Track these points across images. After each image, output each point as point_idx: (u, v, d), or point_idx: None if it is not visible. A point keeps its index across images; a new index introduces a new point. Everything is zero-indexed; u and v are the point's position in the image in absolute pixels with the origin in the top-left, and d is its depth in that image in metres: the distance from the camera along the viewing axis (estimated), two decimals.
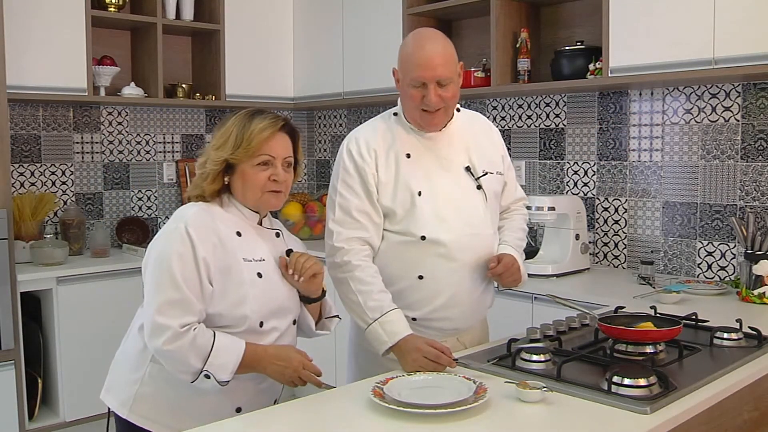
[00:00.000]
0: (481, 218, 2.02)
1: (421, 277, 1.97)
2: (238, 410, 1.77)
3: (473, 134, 2.10)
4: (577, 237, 3.24)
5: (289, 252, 1.88)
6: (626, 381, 1.57)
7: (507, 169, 2.17)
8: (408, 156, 1.99)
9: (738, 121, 2.98)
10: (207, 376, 1.67)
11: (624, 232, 3.38)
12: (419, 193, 1.95)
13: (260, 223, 1.87)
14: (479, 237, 2.01)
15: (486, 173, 2.05)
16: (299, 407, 1.65)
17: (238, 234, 1.79)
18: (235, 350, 1.70)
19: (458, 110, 2.11)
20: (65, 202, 4.08)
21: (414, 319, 1.98)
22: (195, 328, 1.68)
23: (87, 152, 4.16)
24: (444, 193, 1.98)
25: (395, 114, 2.07)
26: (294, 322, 1.89)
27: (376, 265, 1.96)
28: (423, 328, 1.98)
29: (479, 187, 2.03)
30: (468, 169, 2.03)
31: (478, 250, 2.01)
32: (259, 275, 1.77)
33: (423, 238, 1.94)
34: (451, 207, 1.97)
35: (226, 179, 1.80)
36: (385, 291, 1.90)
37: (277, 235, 1.91)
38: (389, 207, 1.97)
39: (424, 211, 1.95)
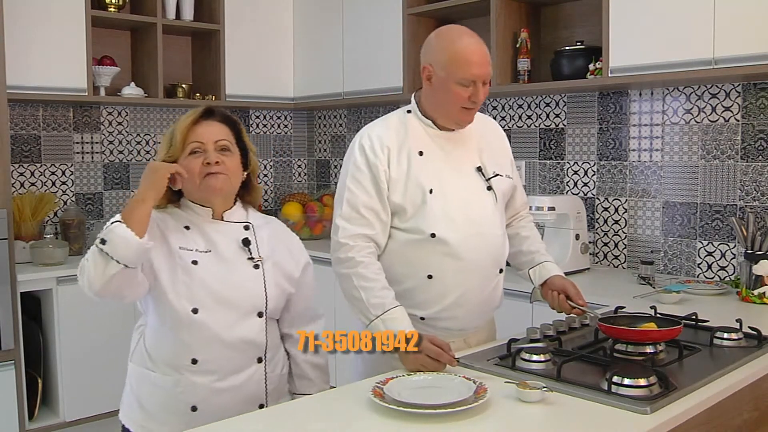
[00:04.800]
0: (490, 218, 2.02)
1: (430, 277, 1.97)
2: (194, 409, 1.77)
3: (484, 136, 2.11)
4: (577, 237, 3.24)
5: (245, 241, 1.85)
6: (626, 381, 1.57)
7: (514, 174, 2.19)
8: (420, 153, 1.99)
9: (738, 121, 2.98)
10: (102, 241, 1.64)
11: (624, 232, 3.38)
12: (431, 191, 1.95)
13: (222, 218, 1.87)
14: (488, 237, 2.01)
15: (496, 175, 2.06)
16: (298, 407, 1.66)
17: (186, 228, 1.83)
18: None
19: None
20: (65, 202, 4.09)
21: (422, 318, 1.98)
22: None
23: (87, 152, 4.16)
24: (454, 192, 1.98)
25: (409, 111, 2.06)
26: (260, 315, 1.84)
27: (384, 264, 1.96)
28: (430, 327, 1.98)
29: (489, 188, 2.03)
30: (479, 169, 2.04)
31: (487, 250, 2.01)
32: (194, 263, 1.78)
33: (433, 235, 1.94)
34: (461, 206, 1.98)
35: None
36: (388, 288, 1.90)
37: (246, 227, 1.89)
38: (399, 204, 1.96)
39: (435, 209, 1.95)
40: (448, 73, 1.93)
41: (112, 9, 3.94)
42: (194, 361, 1.76)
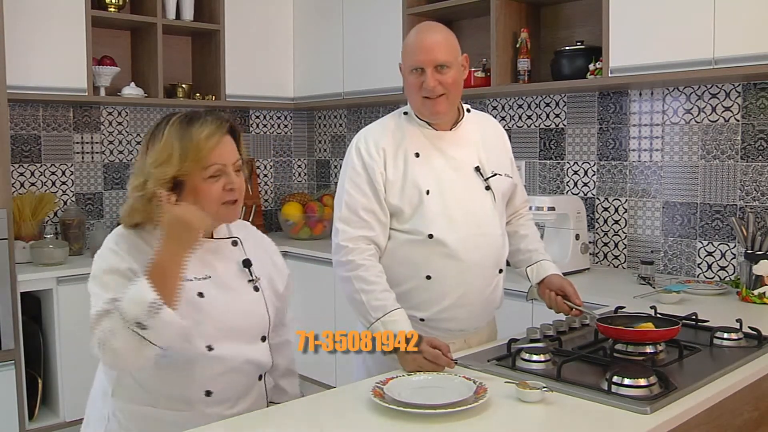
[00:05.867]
0: (489, 219, 2.02)
1: (428, 278, 1.97)
2: None
3: (484, 135, 2.11)
4: (577, 237, 3.24)
5: (246, 262, 1.76)
6: (626, 381, 1.57)
7: (514, 172, 2.19)
8: (417, 155, 1.99)
9: (738, 121, 2.98)
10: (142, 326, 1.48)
11: (624, 232, 3.38)
12: (427, 192, 1.96)
13: (212, 236, 1.75)
14: (487, 237, 2.02)
15: (495, 174, 2.05)
16: (299, 407, 1.66)
17: None
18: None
19: (469, 111, 2.12)
20: (65, 202, 4.08)
21: (422, 320, 1.98)
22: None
23: (87, 152, 4.16)
24: (452, 192, 1.98)
25: (405, 113, 2.07)
26: (263, 339, 1.77)
27: (383, 265, 1.96)
28: (430, 328, 1.98)
29: (488, 187, 2.03)
30: (477, 169, 2.03)
31: (486, 250, 2.01)
32: (200, 295, 1.65)
33: (430, 236, 1.94)
34: (459, 207, 1.98)
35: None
36: (389, 290, 1.90)
37: (234, 243, 1.79)
38: (397, 205, 1.97)
39: (432, 210, 1.95)
40: (404, 63, 2.01)
41: (112, 9, 3.94)
42: (208, 393, 1.68)
